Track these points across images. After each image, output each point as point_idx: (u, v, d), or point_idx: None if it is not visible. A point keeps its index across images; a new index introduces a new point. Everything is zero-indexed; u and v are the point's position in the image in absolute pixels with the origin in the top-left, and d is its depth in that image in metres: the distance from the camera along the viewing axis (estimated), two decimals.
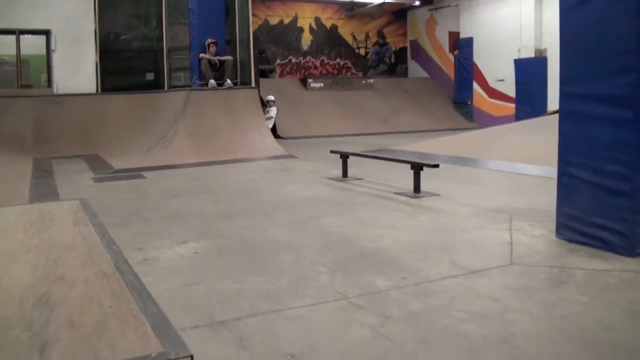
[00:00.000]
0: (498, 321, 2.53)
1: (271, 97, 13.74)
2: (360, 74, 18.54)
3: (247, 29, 11.21)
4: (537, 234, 4.09)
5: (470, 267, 3.33)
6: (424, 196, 5.64)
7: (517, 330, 2.45)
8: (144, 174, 7.89)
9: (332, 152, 7.41)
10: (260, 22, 17.05)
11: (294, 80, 16.81)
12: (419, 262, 3.44)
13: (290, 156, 9.60)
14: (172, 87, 12.03)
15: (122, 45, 12.43)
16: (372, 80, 17.05)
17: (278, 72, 17.50)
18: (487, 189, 6.12)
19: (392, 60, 19.22)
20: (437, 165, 5.61)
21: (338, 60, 18.36)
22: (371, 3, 17.33)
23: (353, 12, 18.25)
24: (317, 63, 18.07)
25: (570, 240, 3.86)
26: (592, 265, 3.39)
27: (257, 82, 11.61)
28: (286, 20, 17.53)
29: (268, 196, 6.01)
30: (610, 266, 3.36)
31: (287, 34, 17.68)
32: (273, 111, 13.65)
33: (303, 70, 17.85)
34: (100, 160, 9.29)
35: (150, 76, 12.96)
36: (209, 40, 10.69)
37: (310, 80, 16.22)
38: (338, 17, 18.26)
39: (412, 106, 16.73)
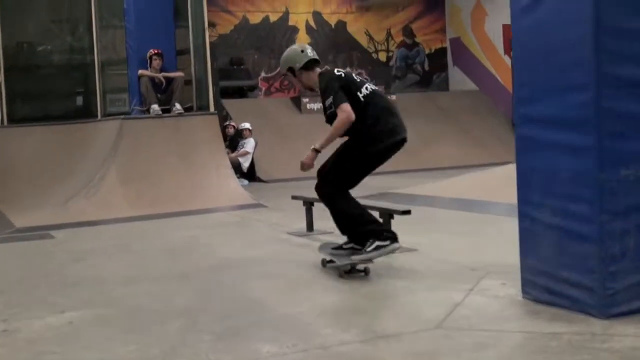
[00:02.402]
0: None
1: (246, 125, 14.72)
2: (381, 88, 19.44)
3: (203, 33, 12.21)
4: (502, 295, 4.81)
5: (383, 332, 4.09)
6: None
7: None
8: (55, 232, 8.80)
9: (293, 197, 8.23)
10: (236, 21, 18.27)
11: (283, 100, 17.85)
12: (327, 328, 4.21)
13: (258, 205, 10.46)
14: (108, 114, 12.94)
15: (37, 60, 13.49)
16: (394, 97, 17.96)
17: (263, 90, 18.58)
18: (490, 240, 6.86)
19: (426, 67, 20.27)
20: (408, 212, 6.34)
21: (348, 69, 19.36)
22: None
23: (367, 1, 19.38)
24: None
25: (537, 301, 4.56)
26: (542, 328, 4.09)
27: (217, 106, 12.58)
28: (273, 17, 18.76)
29: (199, 257, 6.86)
30: (565, 329, 4.05)
31: (275, 35, 18.84)
32: (250, 144, 14.62)
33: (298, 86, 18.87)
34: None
35: (79, 100, 14.00)
36: (152, 51, 11.72)
37: (305, 100, 17.20)
38: (346, 10, 19.49)
39: (451, 132, 17.55)
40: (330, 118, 5.40)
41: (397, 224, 6.79)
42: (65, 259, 7.10)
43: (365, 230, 5.45)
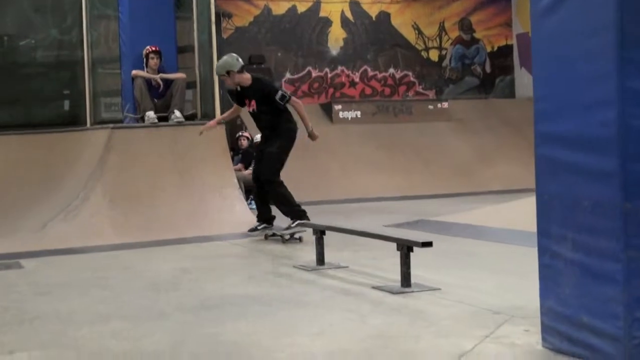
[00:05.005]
0: None
1: None
2: (431, 93, 19.74)
3: (209, 27, 12.52)
4: (520, 343, 5.03)
5: None
6: (412, 291, 6.64)
7: None
8: (26, 262, 9.19)
9: (300, 224, 8.53)
10: (257, 12, 18.64)
11: (312, 107, 17.92)
12: None
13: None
14: (100, 122, 13.27)
15: (17, 56, 13.91)
16: (445, 104, 18.15)
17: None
18: (528, 279, 6.96)
19: (487, 69, 20.43)
20: (429, 244, 6.59)
21: (392, 70, 19.62)
22: None
23: None
24: (356, 77, 19.38)
25: (557, 350, 4.77)
26: None
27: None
28: (301, 7, 19.11)
29: (183, 293, 7.18)
30: None
31: (303, 29, 19.14)
32: None
33: (332, 90, 19.16)
34: None
35: (66, 105, 14.34)
36: (148, 48, 12.08)
37: (338, 107, 17.44)
38: None
39: (516, 147, 17.57)
40: (276, 110, 10.15)
41: (422, 258, 7.07)
42: (28, 292, 7.45)
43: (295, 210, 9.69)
